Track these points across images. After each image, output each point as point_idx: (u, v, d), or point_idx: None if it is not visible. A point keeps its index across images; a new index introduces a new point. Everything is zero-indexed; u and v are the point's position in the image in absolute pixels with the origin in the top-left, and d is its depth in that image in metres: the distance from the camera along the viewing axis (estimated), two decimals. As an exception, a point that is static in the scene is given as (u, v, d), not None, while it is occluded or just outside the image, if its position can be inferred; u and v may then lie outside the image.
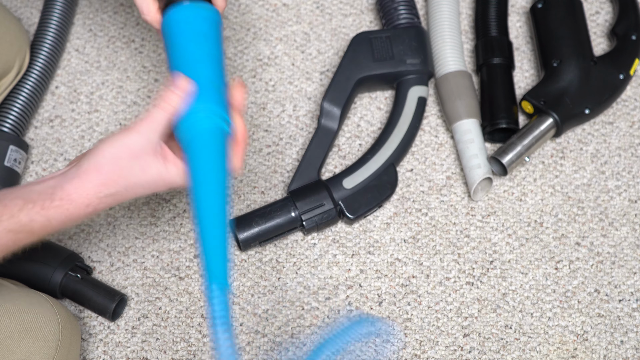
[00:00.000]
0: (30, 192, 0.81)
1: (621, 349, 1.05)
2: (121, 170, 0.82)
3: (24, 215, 0.79)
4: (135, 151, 0.82)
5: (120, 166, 0.81)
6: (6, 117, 1.12)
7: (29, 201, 0.79)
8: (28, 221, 0.79)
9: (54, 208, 0.80)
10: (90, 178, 0.81)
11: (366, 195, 1.10)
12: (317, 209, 1.08)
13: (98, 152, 0.82)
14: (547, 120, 1.12)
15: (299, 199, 1.08)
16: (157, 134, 0.83)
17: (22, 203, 0.79)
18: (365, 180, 1.10)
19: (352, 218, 1.09)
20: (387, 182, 1.11)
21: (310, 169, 1.11)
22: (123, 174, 0.82)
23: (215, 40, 0.91)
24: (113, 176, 0.82)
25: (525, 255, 1.10)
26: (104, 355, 1.05)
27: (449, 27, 1.19)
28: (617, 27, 1.20)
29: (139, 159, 0.82)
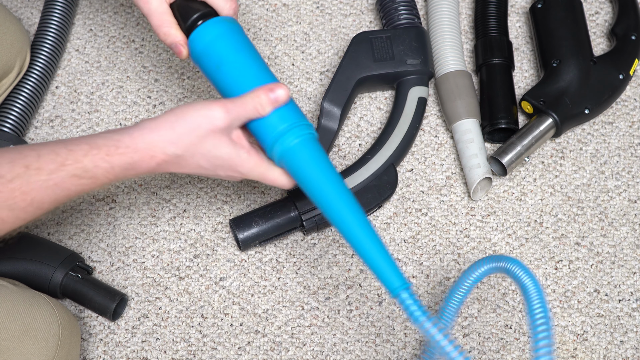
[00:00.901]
0: (97, 138, 0.81)
1: (621, 349, 1.05)
2: (195, 137, 0.83)
3: (88, 160, 0.80)
4: (215, 126, 0.83)
5: (196, 133, 0.83)
6: (6, 117, 1.12)
7: (94, 147, 0.80)
8: (92, 167, 0.80)
9: (118, 155, 0.81)
10: (161, 132, 0.82)
11: (366, 195, 1.10)
12: (317, 209, 1.08)
13: (178, 112, 0.83)
14: (546, 121, 1.12)
15: (299, 198, 1.08)
16: (239, 122, 0.85)
17: (87, 148, 0.80)
18: (365, 180, 1.10)
19: None
20: (387, 182, 1.11)
21: None
22: (195, 142, 0.83)
23: (252, 46, 0.94)
24: (185, 139, 0.83)
25: (525, 255, 1.10)
26: (104, 355, 1.05)
27: (449, 27, 1.19)
28: (616, 27, 1.20)
29: (215, 135, 0.84)
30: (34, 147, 0.80)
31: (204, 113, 0.84)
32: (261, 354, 1.05)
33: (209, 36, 0.92)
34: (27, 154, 0.78)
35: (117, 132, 0.83)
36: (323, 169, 0.88)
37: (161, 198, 1.14)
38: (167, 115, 0.84)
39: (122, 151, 0.81)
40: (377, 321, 1.07)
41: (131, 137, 0.82)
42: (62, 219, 1.12)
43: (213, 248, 1.10)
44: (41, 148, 0.79)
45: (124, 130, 0.83)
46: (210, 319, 1.07)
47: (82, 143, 0.81)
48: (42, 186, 0.78)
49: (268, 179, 0.90)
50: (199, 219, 1.12)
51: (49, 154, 0.79)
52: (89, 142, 0.81)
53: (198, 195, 1.14)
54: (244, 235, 1.07)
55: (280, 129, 0.87)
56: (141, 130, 0.83)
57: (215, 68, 0.91)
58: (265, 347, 1.05)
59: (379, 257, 0.85)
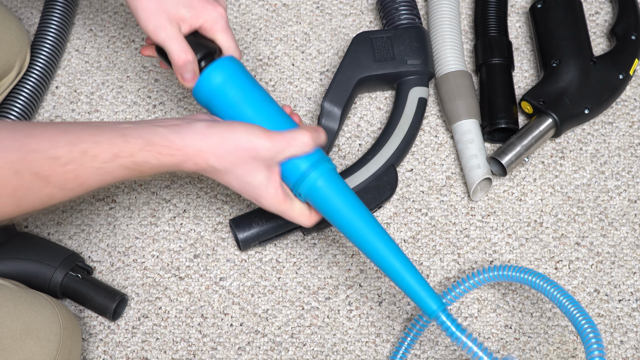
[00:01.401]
0: (153, 133, 0.84)
1: (621, 349, 1.05)
2: (237, 158, 0.87)
3: (141, 155, 0.83)
4: (258, 154, 0.87)
5: (238, 155, 0.86)
6: (7, 117, 1.12)
7: (149, 143, 0.83)
8: (143, 162, 0.83)
9: (169, 155, 0.84)
10: (211, 143, 0.86)
11: (366, 195, 1.10)
12: None
13: (229, 128, 0.87)
14: (546, 121, 1.12)
15: None
16: (282, 157, 0.89)
17: (142, 144, 0.83)
18: (365, 180, 1.10)
19: None
20: (387, 182, 1.11)
21: None
22: (235, 162, 0.87)
23: (257, 83, 0.95)
24: (227, 157, 0.86)
25: (525, 255, 1.10)
26: (104, 355, 1.05)
27: (449, 27, 1.19)
28: (616, 27, 1.20)
29: (254, 163, 0.87)
30: (93, 131, 0.82)
31: (252, 139, 0.87)
32: (261, 354, 1.05)
33: (224, 74, 0.92)
34: (85, 138, 0.80)
35: (170, 129, 0.85)
36: (349, 202, 0.91)
37: (161, 198, 1.14)
38: (218, 127, 0.87)
39: (173, 152, 0.84)
40: (377, 321, 1.07)
41: (183, 140, 0.85)
42: (62, 219, 1.12)
43: (213, 248, 1.10)
44: (99, 133, 0.82)
45: (176, 127, 0.86)
46: (210, 319, 1.07)
47: (138, 136, 0.83)
48: (94, 172, 0.81)
49: (288, 216, 0.93)
50: (199, 219, 1.12)
51: (106, 142, 0.81)
52: (144, 136, 0.83)
53: (198, 195, 1.14)
54: (244, 235, 1.07)
55: (304, 168, 0.90)
56: (193, 134, 0.86)
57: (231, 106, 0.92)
58: (265, 347, 1.05)
59: (415, 282, 0.90)
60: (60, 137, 0.80)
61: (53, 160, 0.79)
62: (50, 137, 0.80)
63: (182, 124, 0.86)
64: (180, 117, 0.90)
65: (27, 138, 0.79)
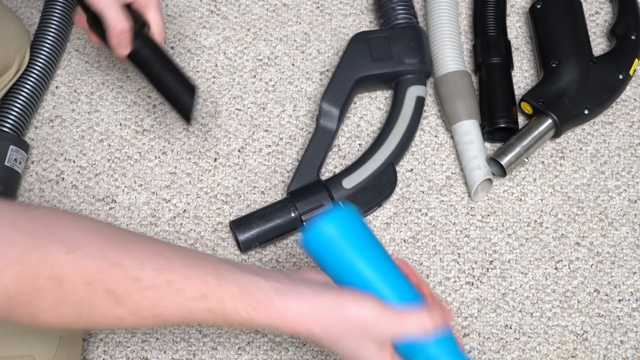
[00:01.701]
0: (252, 284, 0.74)
1: (621, 349, 1.05)
2: (344, 332, 0.76)
3: (232, 305, 0.73)
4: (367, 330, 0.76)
5: (345, 329, 0.76)
6: (7, 117, 1.12)
7: (245, 293, 0.74)
8: (232, 312, 0.74)
9: (263, 314, 0.74)
10: (316, 314, 0.75)
11: (366, 194, 1.10)
12: (317, 209, 1.08)
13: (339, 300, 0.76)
14: (546, 121, 1.12)
15: (299, 199, 1.08)
16: (393, 335, 0.76)
17: (237, 292, 0.73)
18: (365, 180, 1.10)
19: None
20: (387, 181, 1.11)
21: (310, 169, 1.11)
22: (341, 336, 0.76)
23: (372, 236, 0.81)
24: (333, 329, 0.75)
25: (525, 255, 1.10)
26: (104, 355, 1.05)
27: (448, 27, 1.19)
28: (616, 27, 1.20)
29: (364, 338, 0.76)
30: (187, 262, 0.73)
31: (363, 311, 0.75)
32: (261, 354, 1.05)
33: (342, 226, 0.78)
34: (177, 267, 0.72)
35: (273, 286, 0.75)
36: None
37: (161, 198, 1.14)
38: (327, 294, 0.76)
39: (270, 313, 0.74)
40: (377, 321, 1.07)
41: (285, 302, 0.74)
42: (62, 219, 1.12)
43: (213, 248, 1.10)
44: (193, 267, 0.73)
45: (280, 285, 0.75)
46: (210, 319, 1.07)
47: (233, 283, 0.74)
48: (174, 307, 0.72)
49: None
50: (199, 219, 1.12)
51: (198, 279, 0.72)
52: (241, 284, 0.74)
53: (198, 195, 1.14)
54: (244, 236, 1.07)
55: None
56: (298, 300, 0.75)
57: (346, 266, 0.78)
58: (265, 347, 1.05)
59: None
60: (150, 259, 0.72)
61: (133, 281, 0.70)
62: (139, 256, 0.71)
63: (287, 284, 0.75)
64: (288, 273, 0.79)
65: (115, 251, 0.71)
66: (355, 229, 0.79)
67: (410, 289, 0.79)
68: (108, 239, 0.71)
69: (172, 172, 1.15)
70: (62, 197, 1.14)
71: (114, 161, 1.16)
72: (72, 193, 1.14)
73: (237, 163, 1.15)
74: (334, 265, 0.79)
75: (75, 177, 1.15)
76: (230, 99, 1.20)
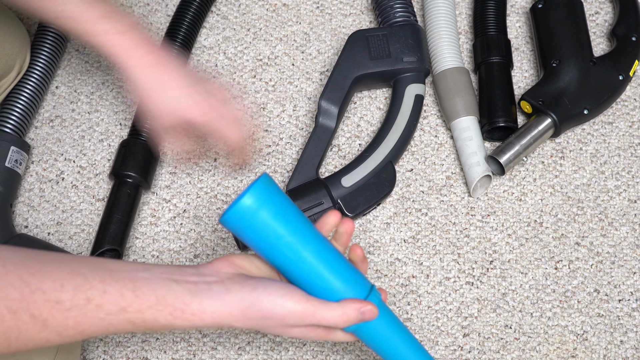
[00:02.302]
0: (168, 290, 0.77)
1: (621, 349, 1.05)
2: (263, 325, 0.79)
3: (150, 314, 0.76)
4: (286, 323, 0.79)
5: (263, 323, 0.79)
6: (8, 117, 1.12)
7: (161, 302, 0.76)
8: (152, 320, 0.76)
9: (182, 319, 0.77)
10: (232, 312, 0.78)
11: (365, 193, 1.10)
12: (315, 207, 1.08)
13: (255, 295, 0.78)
14: (545, 120, 1.12)
15: (298, 197, 1.08)
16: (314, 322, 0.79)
17: (154, 302, 0.76)
18: (364, 178, 1.10)
19: (351, 216, 1.09)
20: (386, 180, 1.11)
21: (309, 167, 1.11)
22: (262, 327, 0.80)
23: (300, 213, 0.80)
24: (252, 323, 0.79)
25: (525, 255, 1.10)
26: (104, 355, 1.05)
27: (446, 24, 1.19)
28: (617, 28, 1.20)
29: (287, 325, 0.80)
30: (104, 277, 0.75)
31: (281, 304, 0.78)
32: (261, 354, 1.05)
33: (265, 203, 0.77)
34: (94, 284, 0.74)
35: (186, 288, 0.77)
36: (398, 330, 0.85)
37: (161, 198, 1.14)
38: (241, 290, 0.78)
39: (187, 317, 0.77)
40: (377, 321, 1.07)
41: (200, 303, 0.77)
42: (62, 219, 1.12)
43: (213, 248, 1.11)
44: (110, 282, 0.75)
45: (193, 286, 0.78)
46: (210, 319, 1.07)
47: (150, 292, 0.76)
48: (96, 322, 0.75)
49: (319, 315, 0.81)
50: (199, 219, 1.12)
51: (115, 293, 0.75)
52: (157, 294, 0.76)
53: (198, 195, 1.14)
54: None
55: None
56: (211, 299, 0.77)
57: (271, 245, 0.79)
58: (265, 347, 1.05)
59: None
60: (68, 279, 0.74)
61: (55, 303, 0.73)
62: (58, 278, 0.73)
63: (199, 284, 0.78)
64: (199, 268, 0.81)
65: (33, 277, 0.73)
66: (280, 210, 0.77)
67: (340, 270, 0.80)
68: (26, 265, 0.73)
69: (172, 172, 1.15)
70: (62, 197, 1.14)
71: (114, 161, 1.16)
72: (72, 193, 1.14)
73: (237, 163, 1.15)
74: (257, 246, 0.79)
75: (75, 177, 1.15)
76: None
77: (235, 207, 0.76)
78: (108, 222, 1.08)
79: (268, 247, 0.78)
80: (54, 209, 1.13)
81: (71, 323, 0.74)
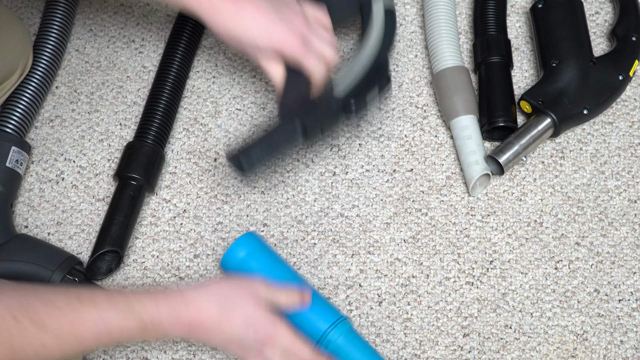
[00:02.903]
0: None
1: (621, 349, 1.05)
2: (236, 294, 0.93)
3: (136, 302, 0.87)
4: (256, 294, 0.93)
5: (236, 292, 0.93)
6: (9, 118, 1.12)
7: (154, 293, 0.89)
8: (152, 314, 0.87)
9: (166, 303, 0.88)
10: (209, 288, 0.92)
11: (363, 85, 1.07)
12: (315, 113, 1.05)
13: (226, 296, 0.92)
14: (544, 120, 1.12)
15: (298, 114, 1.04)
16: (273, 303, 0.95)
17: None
18: (359, 74, 1.07)
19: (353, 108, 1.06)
20: (379, 70, 1.08)
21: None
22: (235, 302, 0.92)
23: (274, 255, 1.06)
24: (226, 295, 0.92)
25: (525, 255, 1.10)
26: (104, 355, 1.05)
27: (446, 23, 1.19)
28: (617, 28, 1.20)
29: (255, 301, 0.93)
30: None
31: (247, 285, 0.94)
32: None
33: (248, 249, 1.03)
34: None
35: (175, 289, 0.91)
36: (368, 353, 1.01)
37: (161, 198, 1.14)
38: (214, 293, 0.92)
39: (176, 297, 0.89)
40: (377, 321, 1.07)
41: (183, 296, 0.89)
42: (63, 219, 1.12)
43: (213, 248, 1.11)
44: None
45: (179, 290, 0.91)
46: (210, 319, 1.07)
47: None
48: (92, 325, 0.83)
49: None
50: (199, 219, 1.12)
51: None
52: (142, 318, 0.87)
53: (198, 195, 1.14)
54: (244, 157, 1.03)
55: (324, 329, 0.99)
56: (193, 289, 0.91)
57: None
58: (265, 347, 1.05)
59: None
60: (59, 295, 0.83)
61: (48, 302, 0.80)
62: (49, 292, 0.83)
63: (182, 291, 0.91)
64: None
65: (27, 293, 0.81)
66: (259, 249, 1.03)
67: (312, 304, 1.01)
68: (15, 287, 0.82)
69: (172, 172, 1.15)
70: (62, 197, 1.14)
71: (114, 161, 1.16)
72: (72, 193, 1.14)
73: (237, 163, 1.15)
74: None
75: (75, 177, 1.15)
76: (230, 99, 1.20)
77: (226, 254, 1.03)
78: (110, 224, 1.08)
79: None
80: (54, 209, 1.13)
81: (66, 320, 0.80)
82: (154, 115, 1.14)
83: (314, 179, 1.15)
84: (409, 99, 1.20)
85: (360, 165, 1.16)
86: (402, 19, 1.25)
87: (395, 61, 1.22)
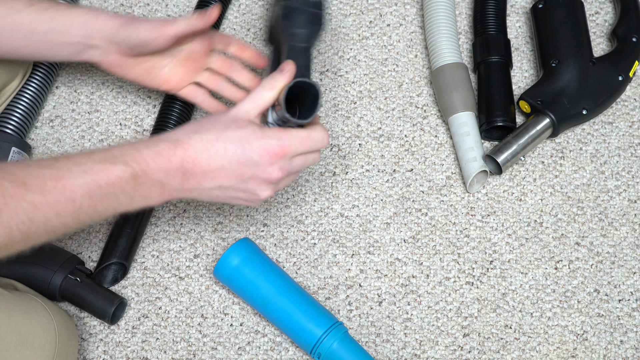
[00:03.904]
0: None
1: (621, 349, 1.05)
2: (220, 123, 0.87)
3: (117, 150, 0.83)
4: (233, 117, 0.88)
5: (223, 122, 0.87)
6: (9, 118, 1.12)
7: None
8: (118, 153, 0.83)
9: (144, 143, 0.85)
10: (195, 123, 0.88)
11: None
12: None
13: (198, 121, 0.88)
14: (543, 120, 1.12)
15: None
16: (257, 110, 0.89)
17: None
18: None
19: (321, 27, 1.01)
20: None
21: None
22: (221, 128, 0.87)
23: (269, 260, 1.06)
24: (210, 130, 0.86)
25: (525, 255, 1.10)
26: (104, 355, 1.05)
27: (445, 20, 1.19)
28: (617, 29, 1.20)
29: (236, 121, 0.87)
30: None
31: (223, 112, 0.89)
32: (261, 354, 1.05)
33: (241, 256, 1.03)
34: None
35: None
36: (364, 358, 1.01)
37: (161, 198, 1.14)
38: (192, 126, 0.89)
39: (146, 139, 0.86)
40: (377, 321, 1.07)
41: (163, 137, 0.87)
42: (62, 219, 1.12)
43: (213, 248, 1.11)
44: None
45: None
46: (210, 319, 1.07)
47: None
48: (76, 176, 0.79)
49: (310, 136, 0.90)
50: (199, 219, 1.12)
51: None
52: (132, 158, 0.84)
53: (198, 196, 1.14)
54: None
55: (319, 334, 1.00)
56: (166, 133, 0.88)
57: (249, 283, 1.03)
58: (265, 347, 1.06)
59: None
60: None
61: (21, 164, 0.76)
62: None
63: None
64: None
65: None
66: (253, 255, 1.04)
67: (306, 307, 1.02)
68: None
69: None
70: (63, 198, 1.14)
71: (114, 161, 1.16)
72: (72, 193, 1.14)
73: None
74: (241, 285, 1.03)
75: (75, 178, 1.15)
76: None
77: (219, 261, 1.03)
78: (118, 236, 1.07)
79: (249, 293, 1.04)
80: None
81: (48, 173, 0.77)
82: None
83: (314, 179, 1.15)
84: (409, 99, 1.20)
85: (360, 165, 1.16)
86: (402, 19, 1.25)
87: (395, 61, 1.22)
